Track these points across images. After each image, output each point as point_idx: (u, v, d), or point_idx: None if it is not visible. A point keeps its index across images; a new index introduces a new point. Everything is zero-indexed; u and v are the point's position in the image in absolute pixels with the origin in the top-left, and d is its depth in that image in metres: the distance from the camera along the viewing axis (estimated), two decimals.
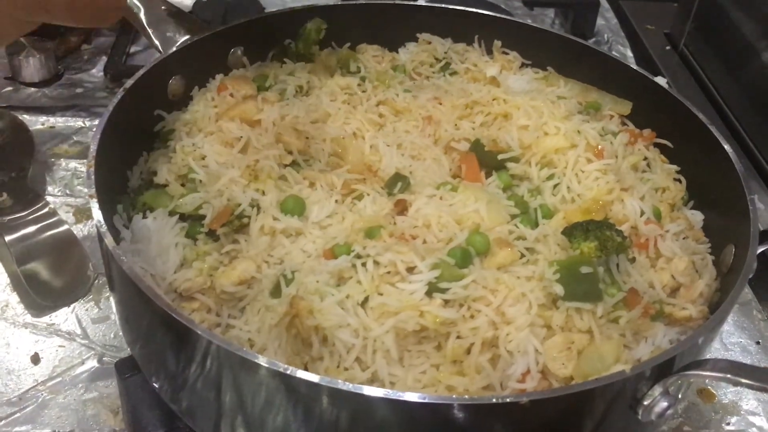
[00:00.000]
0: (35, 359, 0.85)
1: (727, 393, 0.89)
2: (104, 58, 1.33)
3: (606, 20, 1.54)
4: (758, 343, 0.96)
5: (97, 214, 0.68)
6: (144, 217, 0.78)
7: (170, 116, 0.88)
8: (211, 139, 0.84)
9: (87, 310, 0.91)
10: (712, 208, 0.85)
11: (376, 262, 0.70)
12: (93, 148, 0.74)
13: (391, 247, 0.71)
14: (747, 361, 0.94)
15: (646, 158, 0.91)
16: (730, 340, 0.97)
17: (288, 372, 0.56)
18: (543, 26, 1.48)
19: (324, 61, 1.00)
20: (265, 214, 0.76)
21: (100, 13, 0.50)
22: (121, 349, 0.87)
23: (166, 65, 0.89)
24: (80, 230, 1.02)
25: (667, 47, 1.52)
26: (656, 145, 0.93)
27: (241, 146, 0.83)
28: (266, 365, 0.57)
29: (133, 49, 1.35)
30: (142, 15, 0.88)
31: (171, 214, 0.78)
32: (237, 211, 0.76)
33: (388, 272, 0.69)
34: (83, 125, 1.21)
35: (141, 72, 0.84)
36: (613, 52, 1.44)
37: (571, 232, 0.73)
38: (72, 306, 0.92)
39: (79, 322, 0.90)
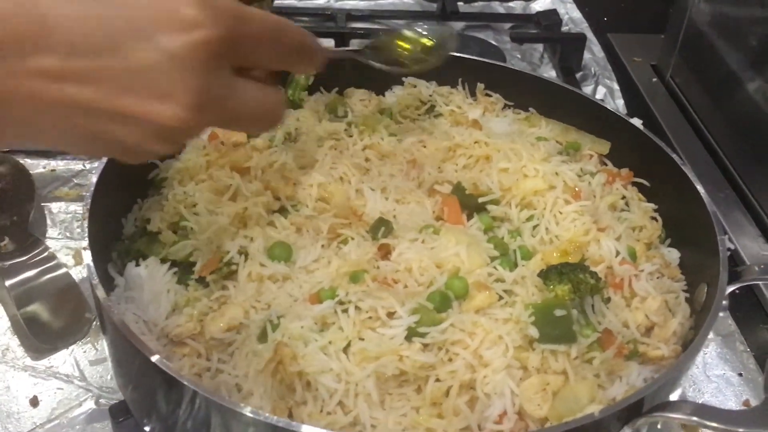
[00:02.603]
0: (34, 402, 0.88)
1: None
2: None
3: (593, 54, 1.56)
4: (740, 375, 0.97)
5: (90, 267, 0.71)
6: (137, 264, 0.81)
7: (163, 164, 0.92)
8: (202, 187, 0.87)
9: (85, 352, 0.94)
10: (688, 246, 0.88)
11: (357, 308, 0.73)
12: (87, 200, 0.78)
13: (372, 292, 0.74)
14: (729, 392, 0.96)
15: (624, 197, 0.93)
16: (713, 372, 0.98)
17: (270, 421, 0.59)
18: (531, 64, 1.54)
19: (313, 106, 1.03)
20: (253, 260, 0.79)
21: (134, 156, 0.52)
22: (116, 391, 0.89)
23: None
24: (79, 272, 1.04)
25: (654, 79, 1.55)
26: (634, 183, 0.96)
27: (231, 194, 0.86)
28: (250, 415, 0.59)
29: None
30: None
31: (163, 261, 0.81)
32: (225, 259, 0.79)
33: (369, 317, 0.72)
34: (83, 167, 1.23)
35: None
36: (600, 86, 1.47)
37: (547, 275, 0.76)
38: (70, 348, 0.94)
39: (77, 364, 0.92)
